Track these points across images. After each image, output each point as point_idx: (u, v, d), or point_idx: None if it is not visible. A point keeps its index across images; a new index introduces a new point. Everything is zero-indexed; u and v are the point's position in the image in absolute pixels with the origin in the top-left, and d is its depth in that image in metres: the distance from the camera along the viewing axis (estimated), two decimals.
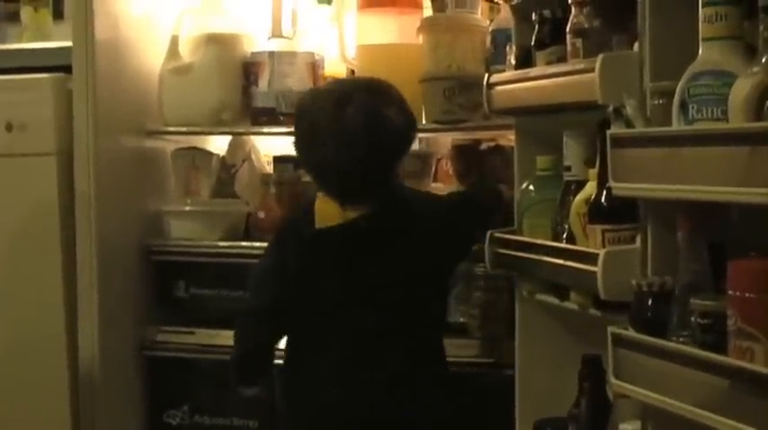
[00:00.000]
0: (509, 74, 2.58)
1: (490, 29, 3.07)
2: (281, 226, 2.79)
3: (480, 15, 3.19)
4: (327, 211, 2.55)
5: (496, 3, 2.86)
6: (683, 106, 1.76)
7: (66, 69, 3.21)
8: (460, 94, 3.08)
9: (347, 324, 2.51)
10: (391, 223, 2.55)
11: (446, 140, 3.45)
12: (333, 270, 2.55)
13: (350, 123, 2.46)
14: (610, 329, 1.94)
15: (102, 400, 3.22)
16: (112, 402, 3.26)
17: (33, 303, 3.25)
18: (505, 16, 2.83)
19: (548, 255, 2.33)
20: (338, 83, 2.77)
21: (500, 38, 2.90)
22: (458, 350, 2.74)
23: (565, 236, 2.30)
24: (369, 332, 2.51)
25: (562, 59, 2.35)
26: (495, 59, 2.95)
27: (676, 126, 1.78)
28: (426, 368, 2.58)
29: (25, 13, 3.56)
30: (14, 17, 3.59)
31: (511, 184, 2.73)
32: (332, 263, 2.55)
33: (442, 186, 3.46)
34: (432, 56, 3.13)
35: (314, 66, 3.42)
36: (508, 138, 3.12)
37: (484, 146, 3.31)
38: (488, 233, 2.62)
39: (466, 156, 3.33)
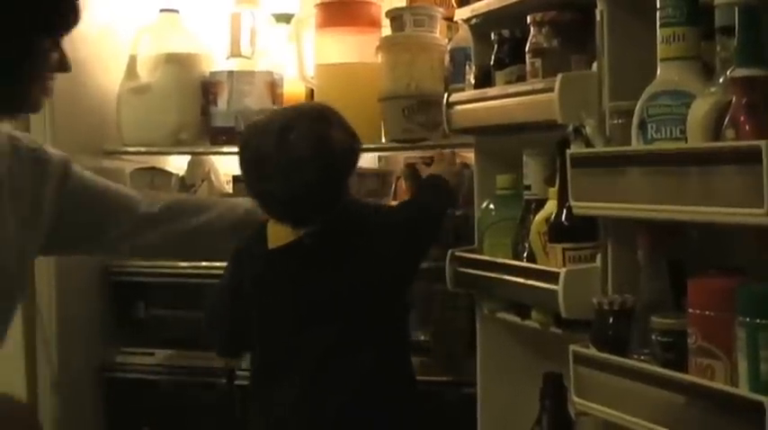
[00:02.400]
0: (469, 93, 2.58)
1: (449, 47, 3.09)
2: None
3: (439, 34, 3.21)
4: (279, 231, 2.53)
5: (455, 22, 2.87)
6: (642, 126, 1.77)
7: None
8: (420, 112, 3.09)
9: (307, 341, 2.50)
10: (339, 237, 2.53)
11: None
12: (287, 288, 2.54)
13: (295, 150, 2.44)
14: (571, 348, 1.95)
15: (61, 422, 3.19)
16: (72, 424, 3.23)
17: None
18: (464, 35, 2.84)
19: (509, 273, 2.33)
20: (277, 113, 2.74)
21: (458, 56, 2.91)
22: (418, 368, 2.73)
23: (525, 254, 2.31)
24: (329, 348, 2.50)
25: (521, 79, 2.36)
26: (453, 78, 2.96)
27: (635, 145, 1.79)
28: (388, 383, 2.56)
29: None
30: None
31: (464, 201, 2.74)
32: (285, 281, 2.54)
33: None
34: (391, 75, 3.14)
35: (273, 85, 3.42)
36: (461, 156, 3.13)
37: None
38: (449, 252, 2.62)
39: (416, 174, 3.33)
